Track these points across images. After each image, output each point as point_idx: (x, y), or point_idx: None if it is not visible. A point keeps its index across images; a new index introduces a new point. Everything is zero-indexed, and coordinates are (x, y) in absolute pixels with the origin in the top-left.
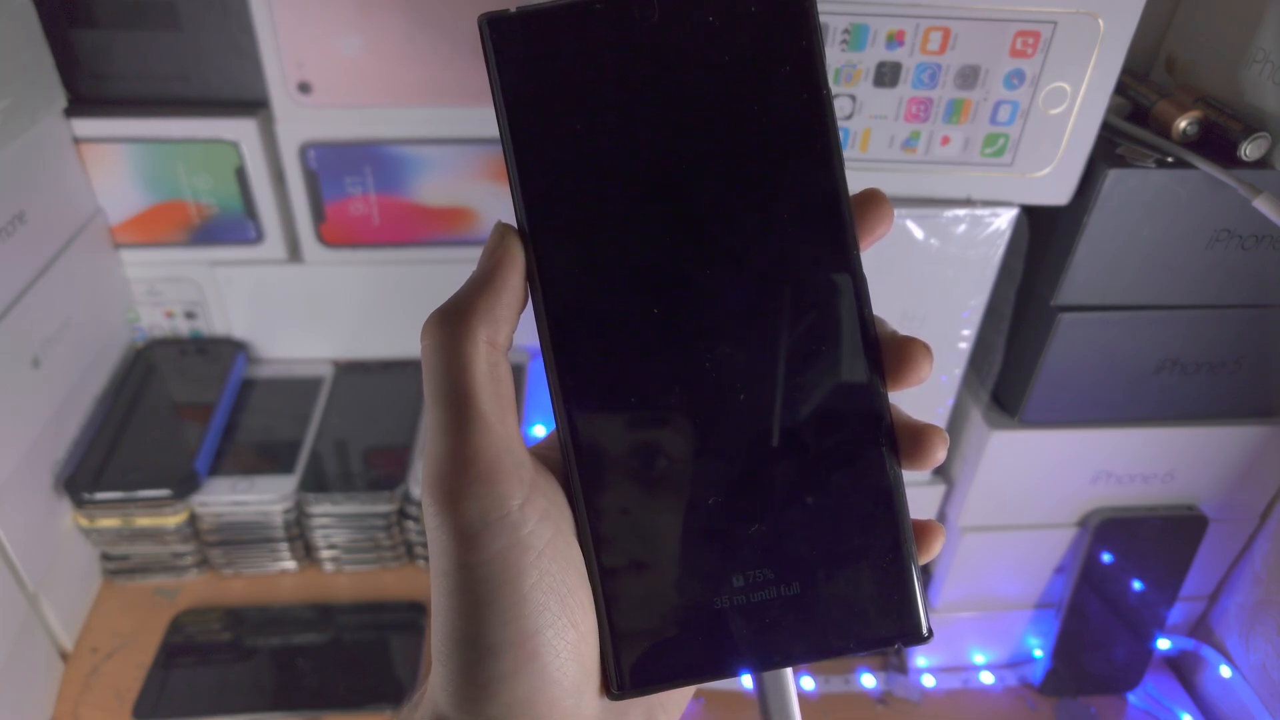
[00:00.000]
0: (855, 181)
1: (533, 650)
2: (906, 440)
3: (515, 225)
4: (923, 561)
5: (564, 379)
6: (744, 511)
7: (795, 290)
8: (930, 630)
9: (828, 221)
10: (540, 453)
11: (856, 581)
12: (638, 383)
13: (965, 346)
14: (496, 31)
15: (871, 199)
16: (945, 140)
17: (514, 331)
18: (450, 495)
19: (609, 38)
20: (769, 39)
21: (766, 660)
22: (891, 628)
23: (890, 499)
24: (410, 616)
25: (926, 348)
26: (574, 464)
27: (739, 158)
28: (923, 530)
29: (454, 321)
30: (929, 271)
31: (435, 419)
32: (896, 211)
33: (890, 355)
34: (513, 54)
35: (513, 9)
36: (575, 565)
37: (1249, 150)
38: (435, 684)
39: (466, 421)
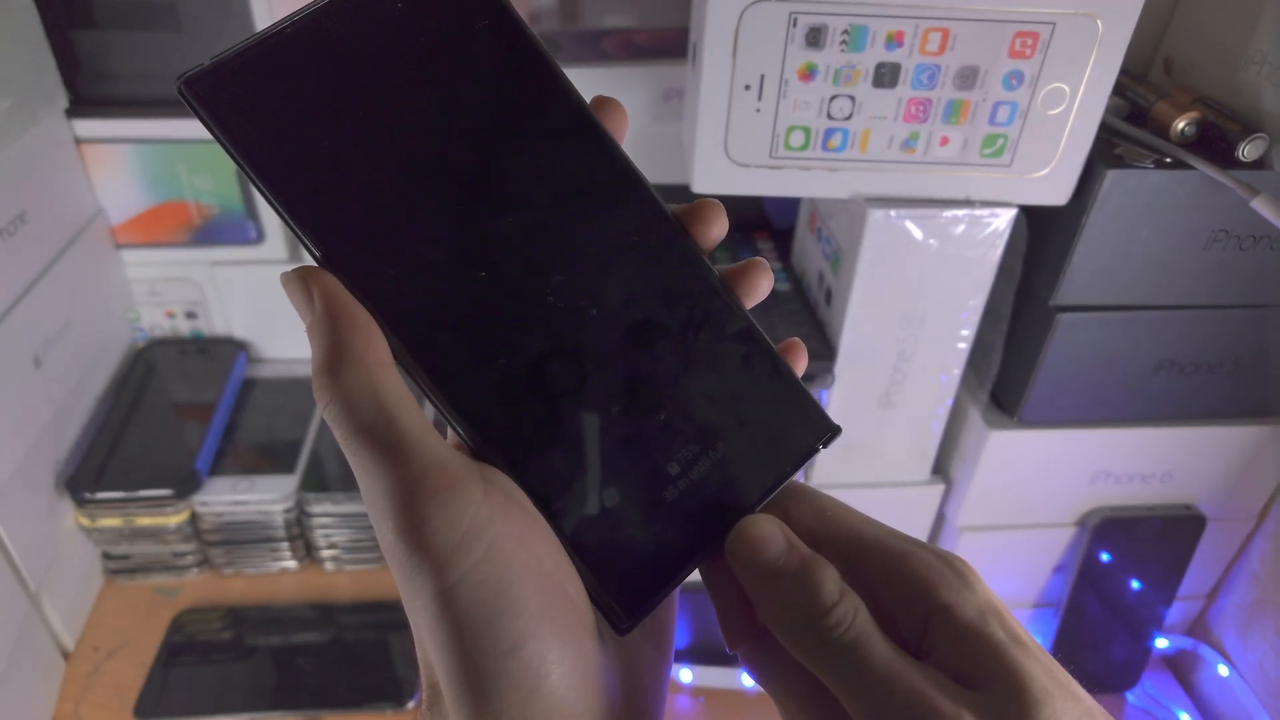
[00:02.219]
0: (854, 182)
1: (548, 636)
2: (737, 281)
3: (310, 260)
4: (799, 373)
5: (431, 371)
6: (646, 409)
7: (580, 199)
8: (838, 424)
9: (580, 133)
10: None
11: (764, 415)
12: (497, 340)
13: (964, 347)
14: (199, 89)
15: (603, 103)
16: (944, 141)
17: (388, 346)
18: (415, 521)
19: (311, 56)
20: (456, 5)
21: (729, 519)
22: (810, 436)
23: (752, 335)
24: None
25: (714, 205)
26: (489, 444)
27: (473, 106)
28: (788, 351)
29: (336, 366)
30: (928, 271)
31: (367, 460)
32: (896, 212)
33: (686, 218)
34: (223, 104)
35: (206, 62)
36: (552, 538)
37: (1247, 151)
38: (459, 715)
39: (400, 446)
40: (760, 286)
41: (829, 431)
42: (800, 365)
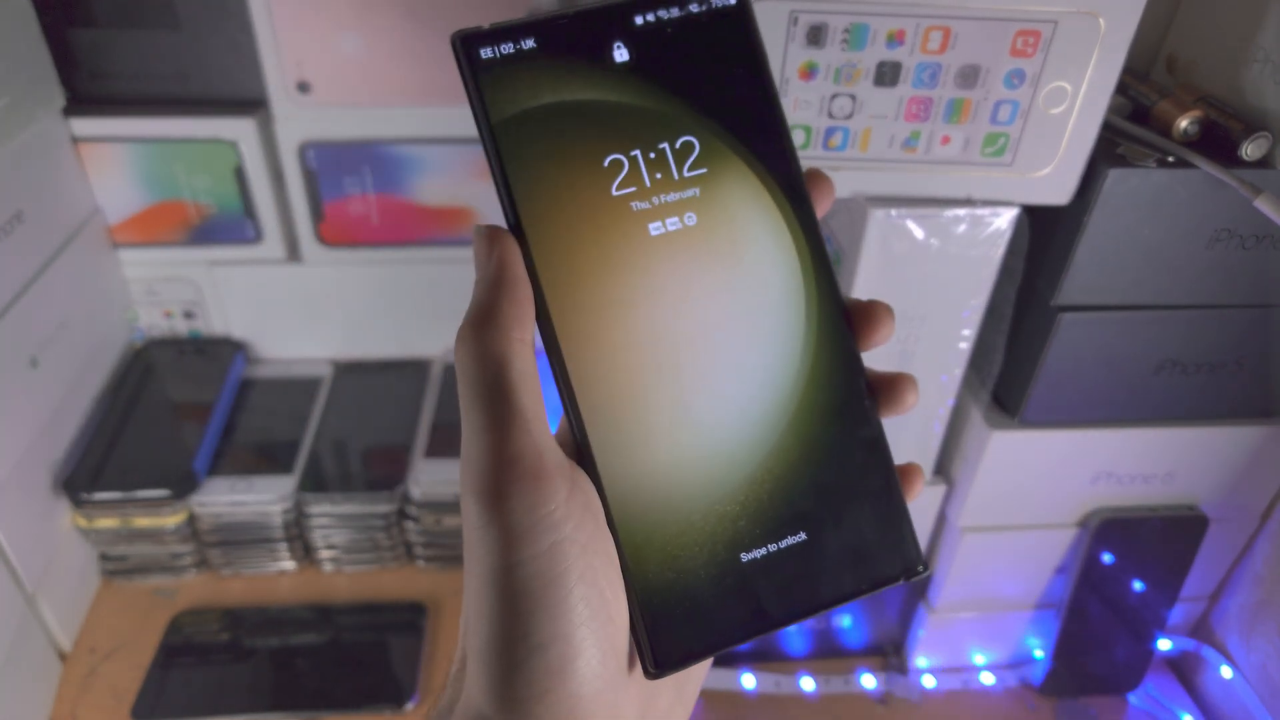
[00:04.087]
0: (855, 182)
1: (578, 644)
2: (882, 390)
3: (503, 224)
4: (910, 501)
5: (575, 373)
6: (754, 477)
7: (765, 261)
8: (927, 564)
9: (789, 196)
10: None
11: (859, 526)
12: (646, 370)
13: (965, 346)
14: (471, 48)
15: (814, 175)
16: (945, 140)
17: (535, 328)
18: (497, 494)
19: (582, 47)
20: (720, 37)
21: (785, 616)
22: (895, 565)
23: (879, 447)
24: (409, 617)
25: (886, 310)
26: (593, 457)
27: (712, 142)
28: (904, 473)
29: (488, 324)
30: (929, 271)
31: (476, 420)
32: (897, 211)
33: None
34: (488, 69)
35: (485, 25)
36: (613, 557)
37: (1250, 150)
38: (475, 687)
39: (509, 420)
40: (907, 400)
41: (918, 567)
42: (913, 491)
